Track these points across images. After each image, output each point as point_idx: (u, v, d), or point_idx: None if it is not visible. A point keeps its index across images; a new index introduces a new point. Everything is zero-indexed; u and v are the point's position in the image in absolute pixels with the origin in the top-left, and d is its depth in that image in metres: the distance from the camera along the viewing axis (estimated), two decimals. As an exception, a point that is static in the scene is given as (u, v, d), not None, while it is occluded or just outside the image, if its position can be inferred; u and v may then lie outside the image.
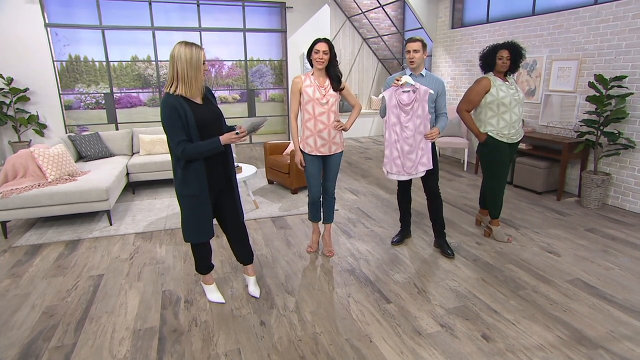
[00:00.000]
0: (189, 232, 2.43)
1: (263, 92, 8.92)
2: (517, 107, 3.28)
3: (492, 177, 3.44)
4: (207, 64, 2.27)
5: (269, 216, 4.25)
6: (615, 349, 2.19)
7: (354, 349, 2.22)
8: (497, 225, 3.59)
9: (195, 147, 2.19)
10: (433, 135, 3.07)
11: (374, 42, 9.52)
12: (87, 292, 2.82)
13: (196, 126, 2.21)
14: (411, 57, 3.01)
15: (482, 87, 3.27)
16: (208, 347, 2.24)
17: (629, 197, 4.35)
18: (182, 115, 2.16)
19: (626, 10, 4.21)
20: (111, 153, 5.34)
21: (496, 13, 6.08)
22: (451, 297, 2.71)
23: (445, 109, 3.19)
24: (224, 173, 2.47)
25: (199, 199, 2.34)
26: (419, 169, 3.14)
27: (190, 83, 2.18)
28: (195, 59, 2.15)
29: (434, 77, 3.12)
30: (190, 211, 2.37)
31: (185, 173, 2.28)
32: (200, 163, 2.28)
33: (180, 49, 2.14)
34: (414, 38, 3.03)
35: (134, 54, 7.63)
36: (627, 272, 3.02)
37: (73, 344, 2.28)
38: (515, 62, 3.24)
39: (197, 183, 2.29)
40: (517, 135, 3.37)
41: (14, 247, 3.57)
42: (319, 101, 2.91)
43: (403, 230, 3.59)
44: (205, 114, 2.27)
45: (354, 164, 6.69)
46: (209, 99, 2.38)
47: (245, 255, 2.74)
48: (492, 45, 3.31)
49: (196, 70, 2.17)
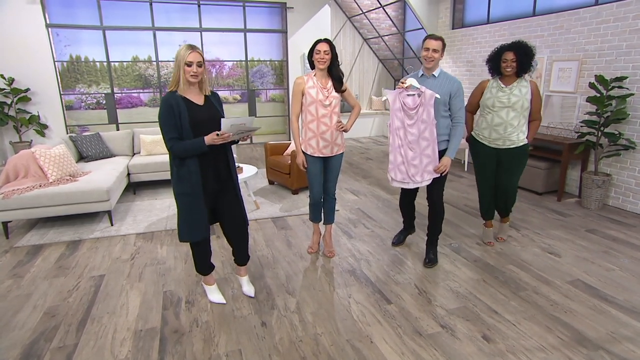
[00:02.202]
0: (182, 230, 2.44)
1: (263, 92, 8.92)
2: (503, 110, 3.12)
3: (476, 176, 3.50)
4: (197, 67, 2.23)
5: (270, 217, 4.25)
6: (615, 350, 2.20)
7: (354, 349, 2.22)
8: (487, 227, 3.60)
9: (182, 144, 2.25)
10: (441, 168, 2.92)
11: (375, 42, 9.53)
12: (88, 293, 2.83)
13: (189, 125, 2.26)
14: (429, 56, 2.81)
15: (479, 88, 3.32)
16: (209, 348, 2.25)
17: (630, 198, 4.36)
18: (176, 113, 2.23)
19: (627, 11, 4.21)
20: (112, 153, 5.35)
21: (497, 14, 6.09)
22: (452, 298, 2.72)
23: (462, 113, 2.92)
24: (220, 173, 2.46)
25: (192, 198, 2.36)
26: (425, 177, 2.97)
27: (178, 81, 2.26)
28: (179, 57, 2.23)
29: (448, 77, 2.92)
30: (184, 209, 2.39)
31: (179, 171, 2.33)
32: (193, 162, 2.31)
33: (178, 50, 2.25)
34: (435, 35, 2.83)
35: (134, 55, 7.64)
36: (627, 273, 3.03)
37: (75, 345, 2.28)
38: (523, 63, 3.03)
39: (190, 181, 2.33)
40: (502, 141, 3.18)
41: (16, 248, 3.58)
42: (322, 103, 2.91)
43: (405, 230, 3.57)
44: (201, 115, 2.30)
45: (354, 164, 6.69)
46: (212, 103, 2.41)
47: (241, 257, 2.75)
48: (497, 47, 3.16)
49: (179, 68, 2.24)
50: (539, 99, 3.18)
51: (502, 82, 3.19)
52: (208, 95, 2.41)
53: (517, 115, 3.13)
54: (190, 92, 2.31)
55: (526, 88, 3.12)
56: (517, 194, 3.51)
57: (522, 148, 3.22)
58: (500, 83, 3.19)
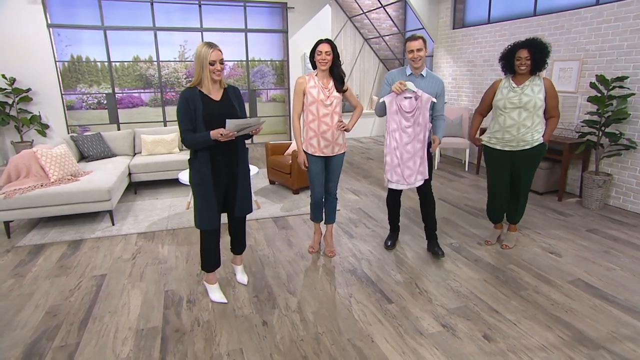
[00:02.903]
0: (196, 218, 2.56)
1: (264, 92, 8.93)
2: (515, 111, 3.07)
3: (488, 181, 3.44)
4: (219, 64, 2.36)
5: (271, 216, 4.26)
6: (616, 350, 2.20)
7: (355, 349, 2.23)
8: (496, 228, 3.60)
9: (192, 137, 2.38)
10: (435, 146, 3.04)
11: (375, 42, 9.53)
12: (90, 292, 2.83)
13: (203, 119, 2.36)
14: (415, 56, 2.88)
15: (491, 89, 3.24)
16: (210, 347, 2.25)
17: (631, 198, 4.36)
18: (191, 107, 2.36)
19: (627, 11, 4.21)
20: (113, 153, 5.36)
21: (497, 13, 6.08)
22: (452, 298, 2.72)
23: (443, 111, 3.08)
24: (231, 167, 2.56)
25: (203, 188, 2.48)
26: (417, 178, 3.09)
27: (200, 78, 2.37)
28: (202, 56, 2.32)
29: (434, 77, 3.03)
30: (197, 199, 2.52)
31: (193, 162, 2.48)
32: (204, 154, 2.43)
33: (198, 48, 2.34)
34: (415, 36, 2.90)
35: (135, 54, 7.64)
36: (628, 273, 3.03)
37: (76, 344, 2.29)
38: (537, 60, 2.95)
39: (200, 173, 2.46)
40: (516, 143, 3.12)
41: (17, 247, 3.59)
42: (323, 102, 2.92)
43: (394, 232, 3.57)
44: (215, 110, 2.41)
45: (355, 164, 6.69)
46: (229, 98, 2.50)
47: (238, 246, 2.89)
48: (511, 44, 3.06)
49: (202, 67, 2.34)
50: (554, 96, 3.07)
51: (514, 81, 3.10)
52: (227, 90, 2.51)
53: (530, 115, 3.04)
54: (205, 87, 2.41)
55: (539, 86, 3.03)
56: (527, 200, 3.44)
57: (537, 148, 3.12)
58: (512, 82, 3.10)
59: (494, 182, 3.36)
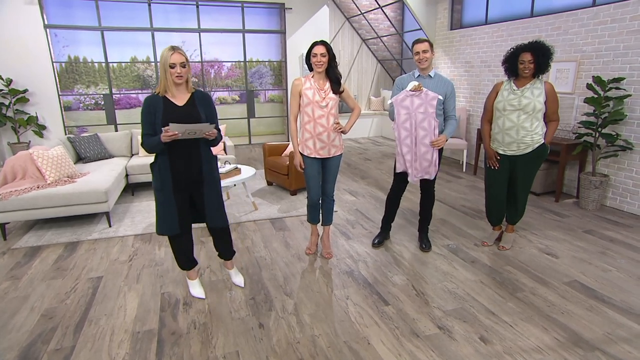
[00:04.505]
0: (157, 223, 2.56)
1: (262, 93, 8.93)
2: (514, 113, 3.07)
3: (485, 182, 3.45)
4: (180, 67, 2.32)
5: (268, 218, 4.26)
6: (612, 351, 2.20)
7: (352, 351, 2.23)
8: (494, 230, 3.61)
9: (147, 140, 2.39)
10: (439, 142, 3.05)
11: (373, 43, 9.53)
12: (86, 295, 2.83)
13: (162, 124, 2.33)
14: (421, 58, 2.99)
15: (492, 91, 3.25)
16: (207, 350, 2.25)
17: (627, 199, 4.37)
18: (152, 111, 2.37)
19: (624, 12, 4.22)
20: (110, 154, 5.35)
21: (495, 14, 6.09)
22: (449, 299, 2.72)
23: (454, 112, 3.13)
24: (192, 171, 2.50)
25: (163, 194, 2.48)
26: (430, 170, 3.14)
27: (162, 83, 2.37)
28: (162, 60, 2.33)
29: (443, 78, 3.09)
30: (157, 204, 2.52)
31: (153, 167, 2.48)
32: (164, 159, 2.43)
33: (161, 52, 2.35)
34: (421, 39, 3.01)
35: (133, 55, 7.63)
36: (624, 274, 3.03)
37: (72, 347, 2.28)
38: (541, 64, 2.96)
39: (160, 177, 2.46)
40: (516, 145, 3.12)
41: (13, 249, 3.57)
42: (318, 104, 2.92)
43: (385, 231, 3.61)
44: (176, 115, 2.36)
45: (352, 165, 6.69)
46: (194, 103, 2.44)
47: (223, 252, 2.85)
48: (514, 47, 3.06)
49: (164, 70, 2.33)
50: (555, 100, 3.08)
51: (516, 83, 3.11)
52: (194, 95, 2.45)
53: (529, 117, 3.05)
54: (176, 91, 2.40)
55: (539, 90, 3.04)
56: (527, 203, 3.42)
57: (538, 150, 3.13)
58: (513, 85, 3.11)
59: (492, 184, 3.37)
